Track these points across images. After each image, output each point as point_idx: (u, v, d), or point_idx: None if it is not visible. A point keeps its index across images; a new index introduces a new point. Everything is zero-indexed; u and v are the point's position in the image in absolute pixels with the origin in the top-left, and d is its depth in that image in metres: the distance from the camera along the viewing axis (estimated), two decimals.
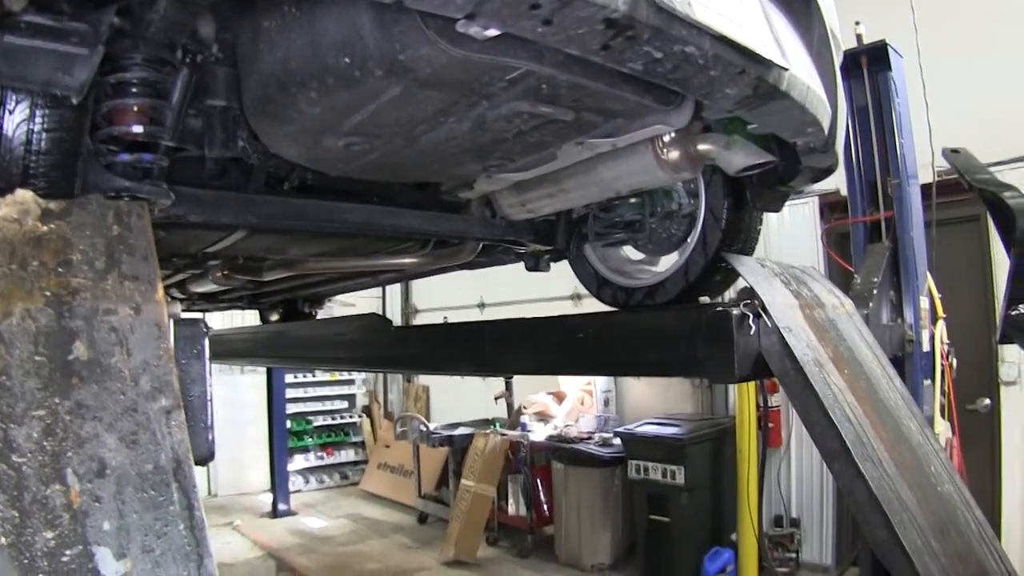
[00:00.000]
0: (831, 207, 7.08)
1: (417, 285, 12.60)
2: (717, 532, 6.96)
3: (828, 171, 2.46)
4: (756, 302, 2.29)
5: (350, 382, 12.77)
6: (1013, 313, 1.71)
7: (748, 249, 2.81)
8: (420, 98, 1.55)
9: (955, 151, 2.02)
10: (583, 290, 3.35)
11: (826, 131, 2.13)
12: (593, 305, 3.41)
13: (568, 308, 8.90)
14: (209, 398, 1.22)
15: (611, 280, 3.24)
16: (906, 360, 3.44)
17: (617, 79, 1.64)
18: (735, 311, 2.25)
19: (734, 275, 2.85)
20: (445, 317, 10.68)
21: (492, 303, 10.79)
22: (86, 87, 1.37)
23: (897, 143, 3.54)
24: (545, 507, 8.38)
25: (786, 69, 1.69)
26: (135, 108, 1.62)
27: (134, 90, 1.61)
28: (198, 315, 5.61)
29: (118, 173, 1.64)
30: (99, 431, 1.07)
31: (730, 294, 2.92)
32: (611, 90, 1.64)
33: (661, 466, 6.90)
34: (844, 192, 6.21)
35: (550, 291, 8.76)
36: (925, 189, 3.81)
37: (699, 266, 2.84)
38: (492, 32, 1.25)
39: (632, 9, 1.25)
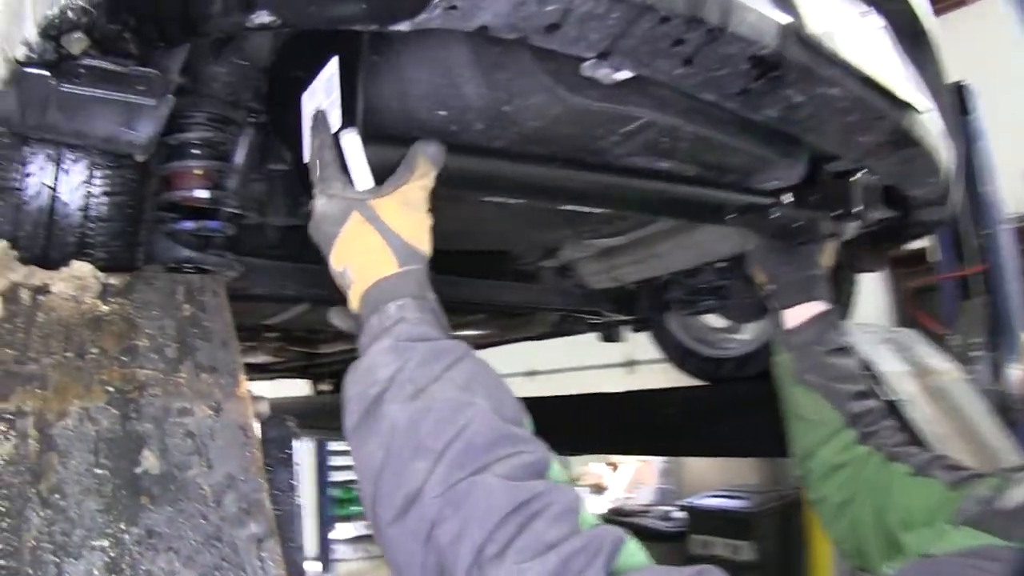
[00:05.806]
0: (896, 262, 6.83)
1: None
2: None
3: (938, 224, 2.24)
4: (869, 373, 2.07)
5: None
6: None
7: (845, 314, 2.58)
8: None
9: None
10: (638, 356, 3.13)
11: (944, 180, 1.92)
12: (648, 373, 3.18)
13: (621, 375, 8.51)
14: (298, 513, 1.00)
15: (696, 351, 3.00)
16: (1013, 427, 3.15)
17: (737, 130, 1.45)
18: None
19: None
20: None
21: (544, 371, 10.40)
22: (153, 144, 1.18)
23: (984, 191, 3.29)
24: None
25: (922, 113, 1.51)
26: (198, 172, 1.42)
27: (195, 151, 1.42)
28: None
29: (180, 242, 1.45)
30: (176, 567, 0.83)
31: None
32: (733, 141, 1.45)
33: (727, 541, 6.53)
34: (908, 246, 5.98)
35: (602, 358, 8.37)
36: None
37: None
38: (623, 75, 1.07)
39: (782, 46, 1.07)
